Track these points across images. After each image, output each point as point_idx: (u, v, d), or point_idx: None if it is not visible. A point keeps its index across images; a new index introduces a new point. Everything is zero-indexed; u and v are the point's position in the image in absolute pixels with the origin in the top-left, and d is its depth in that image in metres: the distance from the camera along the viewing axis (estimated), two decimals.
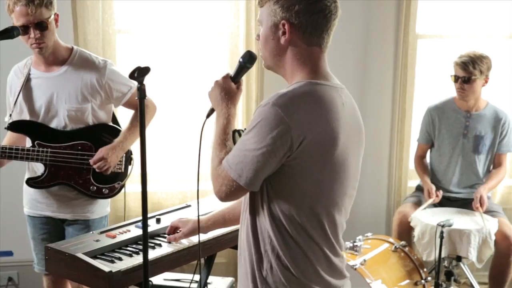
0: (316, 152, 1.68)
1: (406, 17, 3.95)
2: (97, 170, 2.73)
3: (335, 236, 1.82)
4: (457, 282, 3.88)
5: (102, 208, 2.88)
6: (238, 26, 3.78)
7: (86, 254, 2.11)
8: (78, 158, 2.75)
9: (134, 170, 2.91)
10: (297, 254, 1.74)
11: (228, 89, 1.86)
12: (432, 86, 4.21)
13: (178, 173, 3.99)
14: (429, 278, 3.35)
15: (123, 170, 2.88)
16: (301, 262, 1.75)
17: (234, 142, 1.78)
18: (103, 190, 2.81)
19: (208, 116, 1.91)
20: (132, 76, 1.84)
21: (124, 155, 2.86)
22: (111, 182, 2.81)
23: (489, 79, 3.67)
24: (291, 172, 1.68)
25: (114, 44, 3.75)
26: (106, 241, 2.24)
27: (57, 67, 2.74)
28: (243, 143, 1.68)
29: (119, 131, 2.84)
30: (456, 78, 3.64)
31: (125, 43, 3.86)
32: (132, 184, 3.73)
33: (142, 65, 1.83)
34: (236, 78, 1.89)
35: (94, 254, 2.14)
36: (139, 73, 1.83)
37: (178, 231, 2.31)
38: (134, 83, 2.85)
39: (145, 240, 1.85)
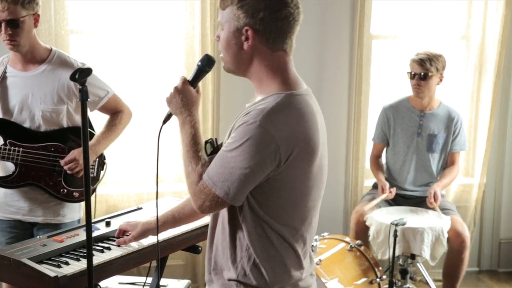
0: (301, 164, 1.69)
1: (360, 17, 3.98)
2: (67, 171, 2.69)
3: (310, 240, 1.85)
4: (413, 280, 3.93)
5: (74, 212, 2.84)
6: (193, 26, 3.76)
7: (31, 259, 2.06)
8: (50, 160, 2.71)
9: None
10: (276, 261, 1.75)
11: (188, 94, 1.81)
12: (387, 86, 4.27)
13: (134, 175, 3.95)
14: (384, 277, 3.38)
15: (95, 174, 2.85)
16: (278, 269, 1.76)
17: (208, 152, 1.75)
18: (74, 193, 2.77)
19: (165, 121, 1.86)
20: (73, 77, 1.80)
21: (97, 159, 2.84)
22: (82, 186, 2.76)
23: (443, 78, 3.73)
24: (275, 185, 1.69)
25: (67, 45, 3.69)
26: (53, 245, 2.19)
27: (34, 67, 2.70)
28: (228, 160, 1.66)
29: (93, 135, 2.82)
30: (413, 75, 3.69)
31: (79, 44, 3.80)
32: (102, 186, 3.70)
33: (84, 67, 1.80)
34: (194, 82, 1.84)
35: (40, 259, 2.09)
36: (80, 75, 1.79)
37: (127, 234, 2.28)
38: (111, 88, 2.86)
39: (89, 245, 1.82)
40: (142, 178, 3.93)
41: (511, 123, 4.34)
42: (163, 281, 3.24)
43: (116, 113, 2.90)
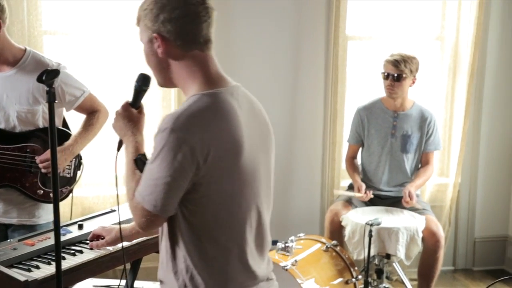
0: (223, 164, 1.67)
1: (336, 18, 4.00)
2: (43, 170, 2.66)
3: (257, 241, 1.81)
4: (389, 280, 3.96)
5: (49, 213, 2.79)
6: None
7: (1, 263, 2.03)
8: (26, 161, 2.68)
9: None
10: (214, 269, 1.74)
11: (130, 116, 1.84)
12: (363, 87, 4.29)
13: (111, 177, 3.92)
14: (359, 277, 3.39)
15: (71, 175, 2.83)
16: (217, 276, 1.74)
17: (140, 169, 1.75)
18: (50, 194, 2.73)
19: (118, 148, 1.88)
20: (40, 79, 1.79)
21: (74, 160, 2.81)
22: (59, 187, 2.73)
23: (416, 80, 3.76)
24: (201, 189, 1.67)
25: (41, 45, 3.65)
26: (24, 249, 2.17)
27: (8, 68, 2.67)
28: (151, 173, 1.66)
29: (69, 135, 2.80)
30: (387, 76, 3.71)
31: (53, 45, 3.77)
32: (78, 188, 3.67)
33: (58, 67, 1.79)
34: (135, 103, 1.86)
35: (10, 263, 2.07)
36: (47, 76, 1.78)
37: (102, 238, 2.26)
38: (87, 88, 2.84)
39: (58, 248, 1.81)
40: (119, 180, 3.89)
41: (485, 123, 4.38)
42: (138, 284, 3.24)
43: (93, 112, 2.88)
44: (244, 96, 1.81)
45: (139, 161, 1.76)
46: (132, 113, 1.84)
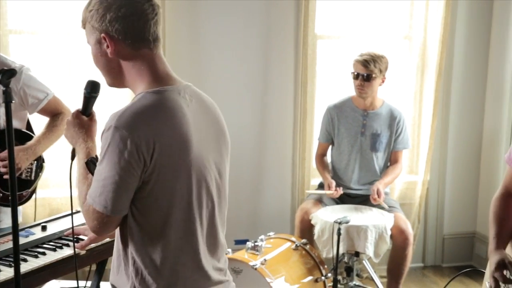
0: (169, 161, 1.67)
1: (305, 18, 4.01)
2: (2, 169, 2.60)
3: (209, 241, 1.81)
4: (359, 277, 3.99)
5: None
6: None
7: None
8: None
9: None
10: (165, 269, 1.72)
11: (80, 124, 1.84)
12: (333, 85, 4.31)
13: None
14: (329, 275, 3.42)
15: (33, 178, 2.77)
16: (169, 277, 1.73)
17: (92, 171, 1.74)
18: (9, 197, 2.68)
19: (72, 158, 1.87)
20: None
21: (35, 162, 2.75)
22: (19, 190, 2.67)
23: (385, 79, 3.79)
24: (149, 187, 1.67)
25: (6, 45, 3.60)
26: None
27: None
28: (99, 173, 1.66)
29: (32, 137, 2.74)
30: (356, 75, 3.73)
31: (19, 44, 3.71)
32: (45, 190, 3.61)
33: (6, 68, 1.76)
34: (86, 111, 1.86)
35: None
36: (3, 76, 1.75)
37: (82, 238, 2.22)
38: (51, 90, 2.79)
39: (16, 250, 1.78)
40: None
41: (453, 121, 4.43)
42: (107, 285, 3.20)
43: (56, 114, 2.84)
44: (194, 95, 1.80)
45: (91, 164, 1.75)
46: (82, 121, 1.85)
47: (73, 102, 3.76)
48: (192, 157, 1.71)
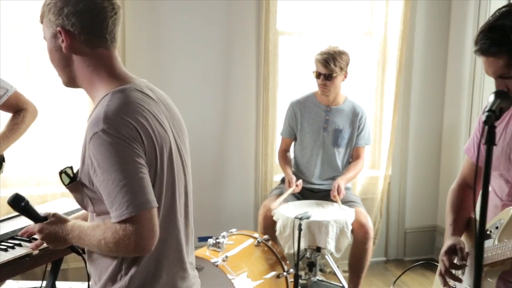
0: (155, 153, 1.66)
1: (266, 14, 4.01)
2: None
3: (185, 230, 1.82)
4: (323, 272, 4.01)
5: None
6: None
7: None
8: None
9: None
10: (151, 262, 1.71)
11: (49, 229, 1.72)
12: (295, 81, 4.32)
13: (38, 177, 3.82)
14: (291, 270, 3.42)
15: None
16: (153, 269, 1.72)
17: (64, 184, 1.69)
18: None
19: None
20: None
21: None
22: None
23: (347, 74, 3.81)
24: None
25: None
26: None
27: None
28: (112, 183, 1.57)
29: None
30: (318, 74, 3.75)
31: None
32: (4, 189, 3.54)
33: None
34: (37, 219, 1.76)
35: None
36: None
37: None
38: (11, 86, 2.74)
39: None
40: (46, 180, 3.81)
41: (414, 116, 4.48)
42: (67, 284, 3.17)
43: (19, 111, 2.79)
44: (153, 90, 1.80)
45: (65, 175, 1.69)
46: (47, 226, 1.73)
47: (37, 99, 3.74)
48: (172, 148, 1.72)
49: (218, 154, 4.24)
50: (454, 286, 2.11)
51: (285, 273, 3.39)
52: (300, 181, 3.80)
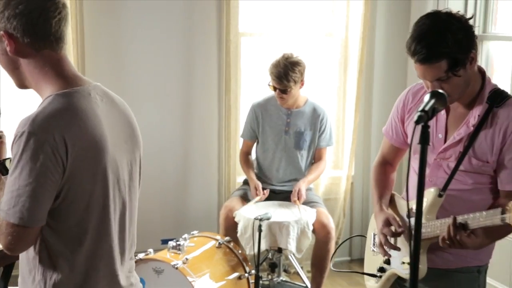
0: (85, 164, 1.63)
1: (227, 15, 4.01)
2: None
3: (121, 244, 1.77)
4: (287, 272, 4.03)
5: None
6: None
7: None
8: None
9: None
10: (78, 275, 1.68)
11: None
12: (257, 82, 4.31)
13: None
14: (252, 271, 3.42)
15: None
16: (81, 283, 1.69)
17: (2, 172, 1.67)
18: None
19: None
20: None
21: None
22: None
23: (304, 82, 3.80)
24: (65, 192, 1.61)
25: None
26: None
27: None
28: (13, 184, 1.57)
29: None
30: (274, 88, 3.75)
31: None
32: None
33: None
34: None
35: None
36: None
37: None
38: None
39: None
40: None
41: (376, 116, 4.52)
42: None
43: None
44: (104, 95, 1.76)
45: (1, 166, 1.68)
46: None
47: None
48: (107, 159, 1.67)
49: (181, 156, 4.22)
50: (385, 263, 2.33)
51: (246, 275, 3.39)
52: (267, 190, 3.80)
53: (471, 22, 2.00)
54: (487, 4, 4.06)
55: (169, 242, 3.24)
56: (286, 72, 3.64)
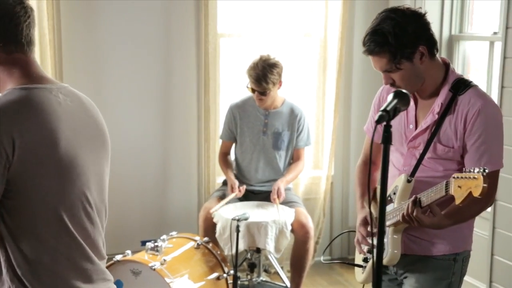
0: (35, 157, 1.63)
1: (205, 16, 4.01)
2: None
3: (88, 240, 1.78)
4: (267, 272, 4.04)
5: None
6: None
7: None
8: None
9: None
10: (40, 270, 1.68)
11: None
12: (236, 83, 4.32)
13: None
14: (231, 272, 3.43)
15: None
16: (45, 278, 1.69)
17: None
18: None
19: None
20: None
21: None
22: None
23: (282, 83, 3.82)
24: (15, 185, 1.62)
25: None
26: None
27: None
28: None
29: None
30: (253, 90, 3.76)
31: None
32: None
33: None
34: None
35: None
36: None
37: None
38: None
39: None
40: None
41: (354, 116, 4.54)
42: None
43: None
44: (70, 95, 1.78)
45: None
46: None
47: None
48: (61, 155, 1.68)
49: (160, 157, 4.21)
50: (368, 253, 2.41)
51: (225, 275, 3.40)
52: (244, 186, 3.80)
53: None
54: (463, 4, 4.10)
55: (147, 244, 3.23)
56: (264, 74, 3.66)
